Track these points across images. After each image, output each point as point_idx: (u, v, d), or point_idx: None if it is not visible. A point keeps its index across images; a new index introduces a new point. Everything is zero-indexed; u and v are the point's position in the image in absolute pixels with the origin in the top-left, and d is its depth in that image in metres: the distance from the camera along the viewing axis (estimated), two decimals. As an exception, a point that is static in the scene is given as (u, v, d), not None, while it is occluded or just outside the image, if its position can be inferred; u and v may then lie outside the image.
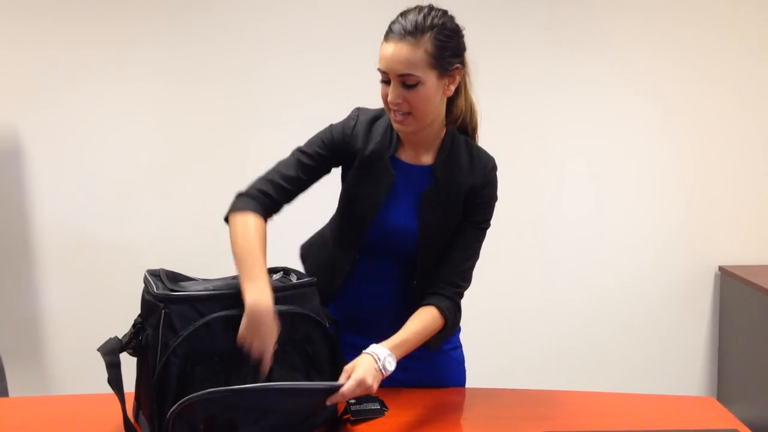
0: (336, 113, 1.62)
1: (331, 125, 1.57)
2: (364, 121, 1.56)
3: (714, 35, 3.05)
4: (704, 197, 3.12)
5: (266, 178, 1.50)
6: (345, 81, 2.98)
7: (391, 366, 1.39)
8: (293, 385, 1.29)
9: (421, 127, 1.47)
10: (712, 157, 3.11)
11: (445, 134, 1.54)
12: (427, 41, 1.38)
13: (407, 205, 1.54)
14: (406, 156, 1.55)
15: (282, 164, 1.53)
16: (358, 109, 1.59)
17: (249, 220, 1.43)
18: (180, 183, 3.08)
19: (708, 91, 3.08)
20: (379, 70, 1.43)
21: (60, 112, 3.02)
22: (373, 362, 1.37)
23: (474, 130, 1.61)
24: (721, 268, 3.12)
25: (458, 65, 1.45)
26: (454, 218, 1.55)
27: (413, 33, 1.37)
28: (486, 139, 1.64)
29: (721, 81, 3.08)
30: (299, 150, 1.55)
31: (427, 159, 1.54)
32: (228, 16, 3.01)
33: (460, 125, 1.57)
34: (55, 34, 2.98)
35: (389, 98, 1.43)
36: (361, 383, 1.31)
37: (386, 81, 1.43)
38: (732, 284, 3.03)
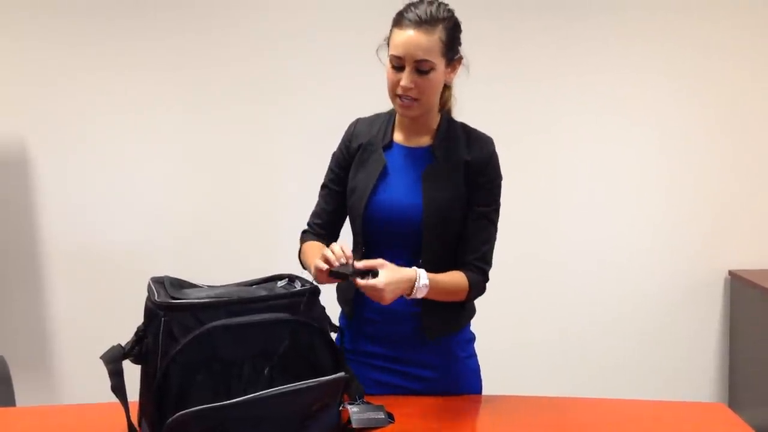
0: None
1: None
2: (364, 122, 1.69)
3: (731, 35, 3.04)
4: (714, 201, 3.10)
5: (312, 213, 1.72)
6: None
7: (420, 294, 1.45)
8: (277, 390, 1.26)
9: (424, 112, 1.55)
10: (721, 161, 3.09)
11: (441, 118, 1.62)
12: (440, 30, 1.47)
13: (410, 182, 1.58)
14: (404, 141, 1.62)
15: (317, 202, 1.72)
16: (357, 119, 1.71)
17: (308, 242, 1.67)
18: (186, 191, 3.08)
19: (717, 96, 3.06)
20: (392, 56, 1.48)
21: (67, 123, 3.04)
22: (410, 280, 1.43)
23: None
24: (731, 273, 3.09)
25: (460, 55, 1.56)
26: (458, 193, 1.57)
27: (429, 22, 1.45)
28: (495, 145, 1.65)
29: (730, 85, 3.05)
30: (322, 185, 1.71)
31: (425, 141, 1.61)
32: (240, 31, 3.03)
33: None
34: (61, 47, 3.00)
35: (403, 83, 1.48)
36: (376, 289, 1.37)
37: (398, 67, 1.48)
38: (742, 288, 3.01)
